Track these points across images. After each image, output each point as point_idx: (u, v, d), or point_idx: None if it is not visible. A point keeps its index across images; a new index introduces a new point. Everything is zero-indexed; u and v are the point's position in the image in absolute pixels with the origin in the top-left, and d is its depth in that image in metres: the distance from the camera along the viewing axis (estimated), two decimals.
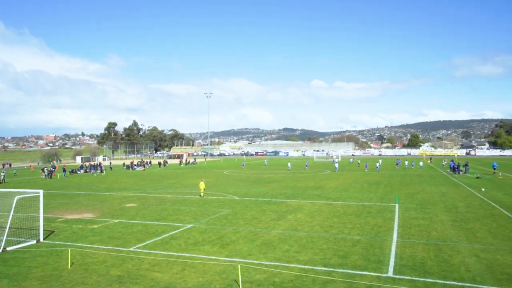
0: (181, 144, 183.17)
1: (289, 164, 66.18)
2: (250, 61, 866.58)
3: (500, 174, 46.39)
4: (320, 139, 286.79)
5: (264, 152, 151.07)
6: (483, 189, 31.81)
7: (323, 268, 12.38)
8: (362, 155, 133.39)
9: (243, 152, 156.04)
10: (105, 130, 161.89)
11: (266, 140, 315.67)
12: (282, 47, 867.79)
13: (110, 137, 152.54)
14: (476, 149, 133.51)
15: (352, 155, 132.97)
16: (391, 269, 12.18)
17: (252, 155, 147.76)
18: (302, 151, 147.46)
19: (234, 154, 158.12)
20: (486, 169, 56.98)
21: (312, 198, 28.59)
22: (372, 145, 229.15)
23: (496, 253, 13.78)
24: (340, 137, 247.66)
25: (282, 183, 40.52)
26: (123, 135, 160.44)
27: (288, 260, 13.30)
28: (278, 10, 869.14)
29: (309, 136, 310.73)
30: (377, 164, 61.48)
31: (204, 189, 30.63)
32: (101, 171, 62.90)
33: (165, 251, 14.74)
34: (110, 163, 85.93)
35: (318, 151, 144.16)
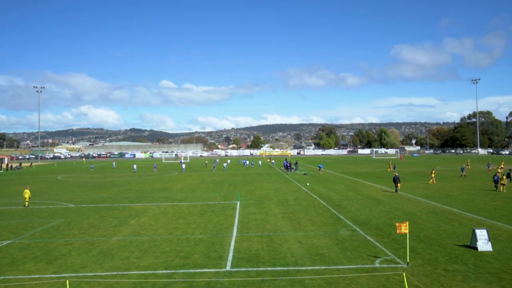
0: (2, 146, 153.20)
1: (134, 166, 63.23)
2: (90, 55, 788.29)
3: (322, 170, 54.95)
4: (170, 140, 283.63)
5: (108, 154, 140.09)
6: (308, 184, 37.13)
7: (164, 271, 12.25)
8: (210, 156, 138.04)
9: (83, 155, 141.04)
10: None
11: (111, 141, 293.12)
12: (127, 43, 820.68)
13: None
14: (305, 149, 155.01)
15: (201, 155, 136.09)
16: (229, 263, 12.96)
17: (94, 157, 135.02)
18: (151, 153, 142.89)
19: (72, 156, 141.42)
20: (311, 166, 66.68)
21: (157, 201, 28.00)
22: (219, 146, 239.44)
23: (314, 238, 16.26)
24: (189, 138, 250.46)
25: (126, 187, 38.38)
26: None
27: (127, 268, 12.66)
28: (126, 6, 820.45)
29: (158, 137, 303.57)
30: (225, 164, 64.74)
31: (29, 197, 26.38)
32: None
33: None
34: None
35: (167, 152, 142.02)
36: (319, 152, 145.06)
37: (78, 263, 13.30)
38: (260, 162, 76.82)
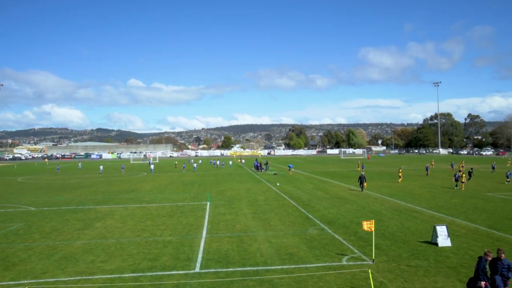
0: None
1: (101, 167, 61.32)
2: (54, 52, 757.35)
3: (292, 170, 55.54)
4: (138, 140, 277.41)
5: (73, 155, 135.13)
6: (278, 184, 37.44)
7: (131, 275, 11.97)
8: (180, 156, 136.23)
9: (45, 155, 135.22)
10: None
11: (76, 141, 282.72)
12: (93, 40, 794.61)
13: None
14: (276, 150, 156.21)
15: (170, 156, 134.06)
16: (198, 265, 12.85)
17: (57, 158, 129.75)
18: (118, 153, 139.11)
19: (34, 157, 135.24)
20: (282, 166, 67.28)
21: (125, 202, 27.30)
22: (189, 146, 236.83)
23: (283, 237, 16.42)
24: (159, 139, 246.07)
25: (92, 188, 37.16)
26: None
27: (92, 272, 12.26)
28: (92, 3, 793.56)
29: (126, 138, 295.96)
30: (195, 165, 64.09)
31: None
32: None
33: None
34: None
35: (135, 153, 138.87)
36: (289, 152, 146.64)
37: (38, 268, 12.74)
38: (230, 162, 76.68)
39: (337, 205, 24.72)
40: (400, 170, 39.51)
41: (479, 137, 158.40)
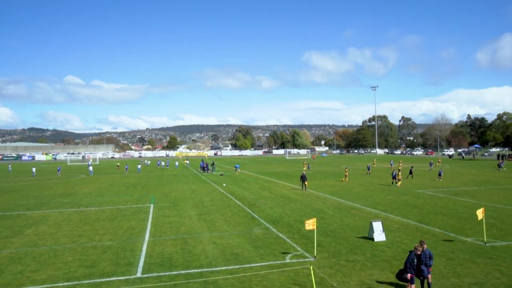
0: None
1: (33, 170, 56.88)
2: None
3: (238, 171, 55.73)
4: (76, 141, 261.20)
5: (0, 156, 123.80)
6: (224, 185, 37.38)
7: (66, 284, 11.24)
8: (123, 157, 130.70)
9: None
10: None
11: (4, 141, 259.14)
12: (26, 32, 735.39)
13: None
14: (222, 150, 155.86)
15: (112, 157, 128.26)
16: (140, 270, 12.40)
17: None
18: (53, 155, 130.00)
19: None
20: (228, 167, 67.26)
21: (60, 207, 25.56)
22: (133, 147, 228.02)
23: (228, 238, 16.42)
24: (99, 139, 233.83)
25: (23, 192, 34.32)
26: None
27: (20, 283, 11.31)
28: None
29: (63, 138, 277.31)
30: (139, 166, 61.79)
31: None
32: None
33: None
34: None
35: (73, 154, 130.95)
36: (236, 153, 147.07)
37: None
38: (176, 163, 75.11)
39: (282, 204, 25.25)
40: (346, 169, 41.65)
41: (411, 138, 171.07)
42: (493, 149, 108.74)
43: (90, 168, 57.20)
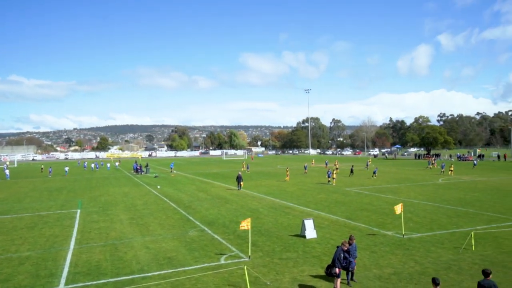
0: None
1: None
2: None
3: (174, 172, 54.43)
4: None
5: None
6: (158, 187, 36.27)
7: None
8: (46, 159, 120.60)
9: None
10: None
11: None
12: None
13: None
14: (157, 151, 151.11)
15: (33, 159, 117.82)
16: (63, 280, 11.55)
17: None
18: None
19: None
20: (164, 168, 65.38)
21: None
22: (58, 148, 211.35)
23: (162, 241, 15.98)
24: (18, 139, 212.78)
25: None
26: None
27: None
28: None
29: None
30: (66, 169, 57.43)
31: None
32: None
33: None
34: None
35: None
36: (172, 154, 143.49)
37: None
38: (108, 165, 71.15)
39: (218, 205, 25.19)
40: (288, 169, 42.99)
41: (341, 139, 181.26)
42: (411, 149, 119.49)
43: (7, 171, 51.79)
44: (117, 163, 74.71)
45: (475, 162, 59.59)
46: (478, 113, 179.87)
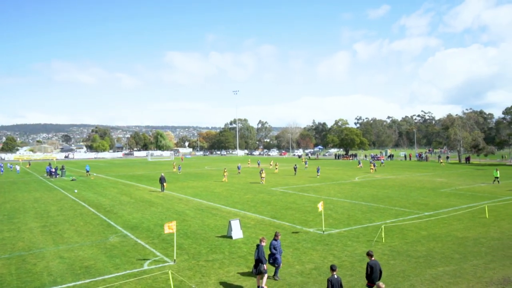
0: None
1: None
2: None
3: (93, 175, 50.92)
4: None
5: None
6: (75, 191, 33.65)
7: None
8: None
9: None
10: None
11: None
12: None
13: None
14: (75, 152, 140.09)
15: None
16: None
17: None
18: None
19: None
20: (82, 171, 60.82)
21: None
22: None
23: (79, 250, 14.86)
24: None
25: None
26: None
27: None
28: None
29: None
30: (17, 167, 50.37)
31: None
32: None
33: None
34: None
35: None
36: (92, 155, 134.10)
37: None
38: (18, 167, 64.04)
39: (142, 209, 24.20)
40: (225, 170, 42.81)
41: (268, 140, 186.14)
42: (332, 150, 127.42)
43: None
44: (17, 166, 66.71)
45: (382, 161, 67.92)
46: (388, 117, 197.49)
